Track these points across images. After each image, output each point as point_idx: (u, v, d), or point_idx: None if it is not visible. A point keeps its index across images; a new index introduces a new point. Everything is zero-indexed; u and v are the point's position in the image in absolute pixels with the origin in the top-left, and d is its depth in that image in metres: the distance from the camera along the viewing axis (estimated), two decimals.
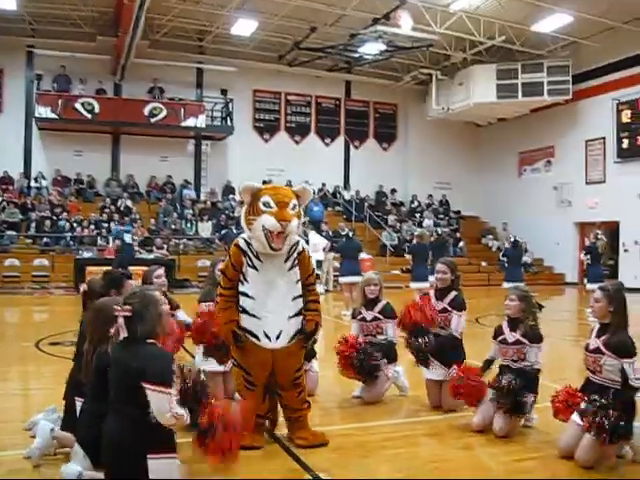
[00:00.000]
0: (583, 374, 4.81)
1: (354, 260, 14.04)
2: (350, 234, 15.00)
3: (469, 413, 5.46)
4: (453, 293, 5.92)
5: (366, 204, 26.02)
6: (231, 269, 4.79)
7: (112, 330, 3.72)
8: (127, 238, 18.62)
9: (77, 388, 4.32)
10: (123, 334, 3.58)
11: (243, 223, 4.78)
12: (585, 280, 15.27)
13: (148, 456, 3.47)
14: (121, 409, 3.53)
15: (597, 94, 22.66)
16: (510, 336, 5.29)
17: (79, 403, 4.22)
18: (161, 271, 6.05)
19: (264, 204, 4.61)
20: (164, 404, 3.48)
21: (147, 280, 5.79)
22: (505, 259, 15.12)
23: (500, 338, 5.36)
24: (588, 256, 14.55)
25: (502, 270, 17.88)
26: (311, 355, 6.09)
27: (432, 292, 6.09)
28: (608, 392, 4.48)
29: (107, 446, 3.55)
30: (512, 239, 15.46)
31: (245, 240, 4.77)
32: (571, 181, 23.96)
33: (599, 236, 15.30)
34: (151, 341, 3.61)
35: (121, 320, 3.58)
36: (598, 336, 4.65)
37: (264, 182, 24.15)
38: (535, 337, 5.23)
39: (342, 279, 14.05)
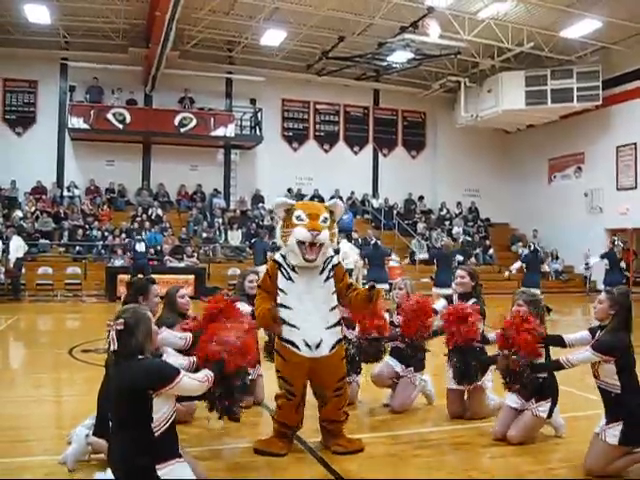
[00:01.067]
0: None
1: (380, 267, 14.25)
2: (377, 242, 15.08)
3: (491, 423, 5.47)
4: (472, 300, 5.84)
5: (395, 212, 26.00)
6: (267, 281, 4.93)
7: (105, 342, 3.81)
8: (139, 247, 18.79)
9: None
10: (113, 346, 3.65)
11: (279, 238, 4.94)
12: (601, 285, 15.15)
13: (157, 467, 3.54)
14: (125, 426, 3.58)
15: (627, 99, 22.42)
16: None
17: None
18: (184, 291, 6.07)
19: (296, 218, 4.75)
20: (190, 384, 3.74)
21: (170, 300, 5.75)
22: (524, 265, 15.03)
23: None
24: (605, 261, 14.55)
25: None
26: (357, 369, 6.12)
27: (455, 298, 6.07)
28: (610, 397, 4.48)
29: (116, 465, 3.62)
30: (532, 246, 15.40)
31: (281, 254, 4.92)
32: (602, 187, 23.71)
33: (616, 242, 15.23)
34: (141, 357, 3.66)
35: (113, 333, 3.66)
36: (593, 333, 4.72)
37: (289, 190, 24.46)
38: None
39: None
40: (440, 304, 6.21)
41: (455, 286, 6.14)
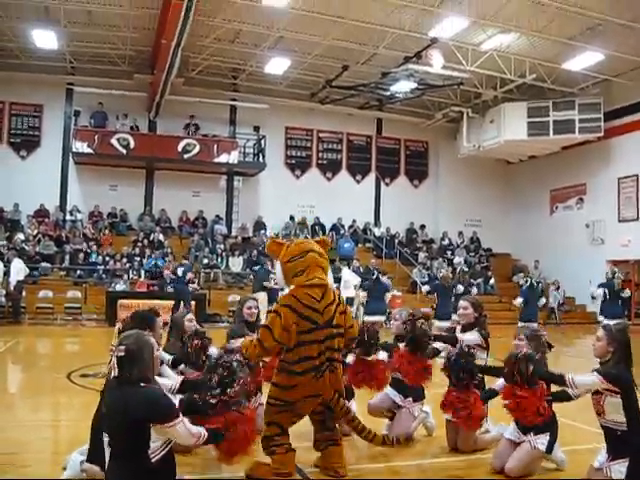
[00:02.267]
0: None
1: (380, 299, 14.48)
2: (379, 275, 15.20)
3: (489, 455, 5.42)
4: (475, 330, 5.80)
5: (397, 241, 26.01)
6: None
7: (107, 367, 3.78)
8: (179, 271, 18.76)
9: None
10: (114, 372, 3.62)
11: None
12: (601, 317, 14.97)
13: None
14: (122, 453, 3.55)
15: (629, 131, 22.52)
16: None
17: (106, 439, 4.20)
18: (191, 316, 6.07)
19: None
20: (183, 433, 3.65)
21: (178, 325, 5.73)
22: (521, 300, 14.90)
23: None
24: (602, 290, 14.54)
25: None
26: (351, 395, 6.06)
27: (458, 330, 6.03)
28: (615, 435, 4.44)
29: None
30: (528, 281, 15.28)
31: None
32: (603, 219, 23.73)
33: (617, 274, 15.19)
34: (143, 385, 3.61)
35: (114, 359, 3.63)
36: None
37: (291, 217, 24.55)
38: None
39: (367, 317, 14.61)
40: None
41: (458, 317, 6.10)
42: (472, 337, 5.68)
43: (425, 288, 15.85)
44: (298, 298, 4.85)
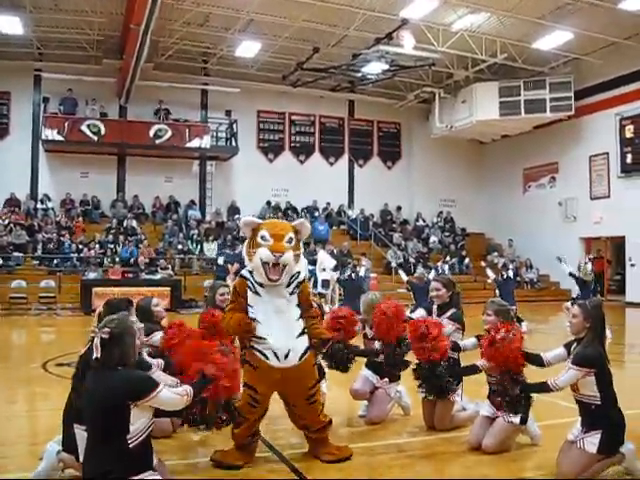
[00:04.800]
0: None
1: (356, 299, 14.34)
2: (356, 272, 15.24)
3: (466, 432, 5.48)
4: (452, 310, 5.85)
5: (371, 222, 26.07)
6: (237, 296, 4.96)
7: (81, 350, 3.78)
8: (220, 260, 18.60)
9: (75, 414, 4.25)
10: (96, 354, 3.62)
11: (245, 256, 4.96)
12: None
13: (130, 478, 3.53)
14: (101, 437, 3.56)
15: (600, 110, 22.75)
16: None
17: (80, 431, 4.10)
18: (157, 300, 6.03)
19: (261, 237, 4.79)
20: (169, 397, 3.75)
21: (144, 310, 5.67)
22: (497, 291, 14.90)
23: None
24: (578, 286, 14.78)
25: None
26: (321, 376, 6.06)
27: (434, 308, 6.06)
28: (589, 409, 4.52)
29: (90, 475, 3.58)
30: (504, 275, 15.24)
31: (248, 270, 4.94)
32: (576, 196, 23.99)
33: (581, 266, 15.27)
34: (121, 368, 3.63)
35: (97, 341, 3.63)
36: (570, 352, 4.73)
37: (268, 202, 24.49)
38: None
39: None
40: (418, 313, 6.19)
41: (432, 299, 6.12)
42: (448, 327, 5.70)
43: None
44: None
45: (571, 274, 14.95)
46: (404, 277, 15.95)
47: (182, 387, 3.94)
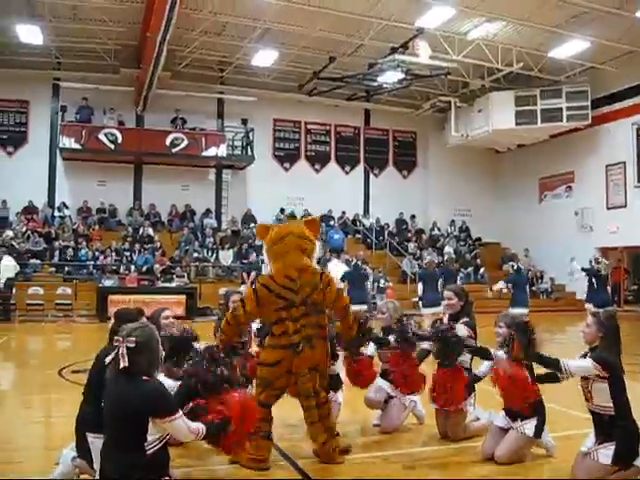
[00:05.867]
0: None
1: (361, 289, 14.38)
2: (358, 263, 15.18)
3: (479, 443, 5.45)
4: (464, 319, 5.82)
5: (386, 231, 26.05)
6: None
7: (107, 359, 3.78)
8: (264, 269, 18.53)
9: (87, 422, 4.30)
10: (123, 363, 3.62)
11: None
12: (588, 304, 14.82)
13: None
14: (119, 444, 3.58)
15: (616, 119, 22.65)
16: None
17: (94, 440, 4.16)
18: (169, 312, 6.04)
19: None
20: (182, 428, 3.71)
21: (154, 323, 5.67)
22: (510, 285, 14.95)
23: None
24: (593, 279, 14.53)
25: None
26: (337, 386, 6.06)
27: (445, 319, 6.06)
28: (603, 420, 4.50)
29: None
30: (514, 266, 15.35)
31: None
32: (592, 206, 23.85)
33: (600, 260, 15.17)
34: (146, 378, 3.64)
35: (123, 350, 3.63)
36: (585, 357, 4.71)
37: (282, 210, 24.52)
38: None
39: None
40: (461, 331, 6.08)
41: (444, 308, 6.13)
42: (460, 333, 5.69)
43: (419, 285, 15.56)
44: (274, 278, 5.10)
45: (583, 269, 14.85)
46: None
47: (197, 424, 3.89)
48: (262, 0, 17.56)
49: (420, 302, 14.33)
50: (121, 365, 3.63)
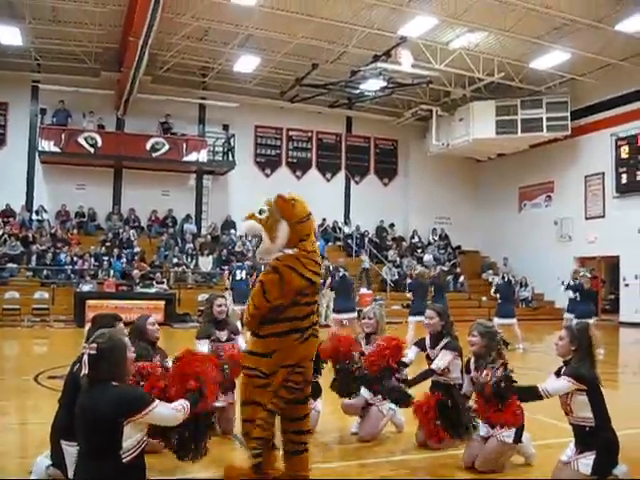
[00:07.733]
0: None
1: (348, 297, 14.45)
2: (345, 274, 15.19)
3: (460, 451, 5.43)
4: (445, 339, 5.77)
5: (366, 239, 26.07)
6: None
7: (76, 367, 3.73)
8: (239, 274, 18.25)
9: (62, 430, 4.24)
10: (84, 370, 3.57)
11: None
12: (569, 314, 14.82)
13: None
14: (93, 453, 3.50)
15: (596, 130, 22.85)
16: (474, 374, 5.28)
17: (68, 447, 4.11)
18: (153, 319, 5.95)
19: None
20: (165, 412, 3.72)
21: (140, 329, 5.59)
22: (497, 295, 15.01)
23: (472, 375, 5.37)
24: (577, 294, 14.58)
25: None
26: (316, 394, 5.97)
27: (427, 339, 5.99)
28: (584, 431, 4.51)
29: None
30: (505, 277, 15.43)
31: None
32: (571, 216, 24.03)
33: (582, 273, 15.27)
34: (115, 384, 3.57)
35: (85, 357, 3.57)
36: (558, 374, 4.72)
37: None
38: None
39: (334, 315, 14.65)
40: (411, 353, 6.02)
41: (425, 326, 6.07)
42: (445, 358, 5.62)
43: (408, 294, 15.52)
44: (301, 260, 4.55)
45: (569, 285, 14.90)
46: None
47: (178, 402, 3.86)
48: (245, 6, 17.51)
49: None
50: (82, 372, 3.59)
